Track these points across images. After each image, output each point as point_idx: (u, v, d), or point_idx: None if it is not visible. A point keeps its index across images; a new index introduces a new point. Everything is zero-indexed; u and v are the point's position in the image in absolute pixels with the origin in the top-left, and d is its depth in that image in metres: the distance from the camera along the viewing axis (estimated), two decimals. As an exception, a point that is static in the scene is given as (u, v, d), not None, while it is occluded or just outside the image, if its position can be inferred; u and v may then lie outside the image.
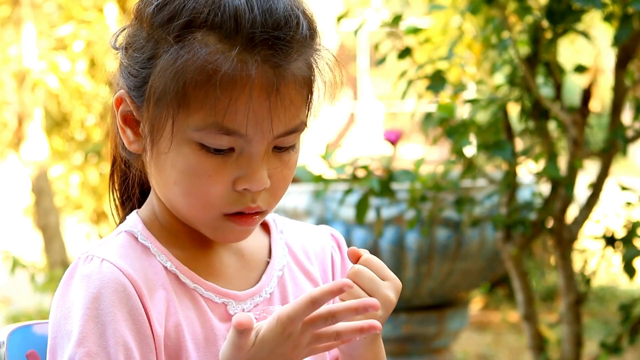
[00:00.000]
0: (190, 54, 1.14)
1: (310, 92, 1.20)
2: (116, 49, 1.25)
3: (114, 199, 1.34)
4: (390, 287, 1.20)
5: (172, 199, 1.21)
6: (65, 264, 6.19)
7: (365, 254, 1.21)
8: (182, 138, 1.16)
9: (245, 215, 1.20)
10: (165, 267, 1.22)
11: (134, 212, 1.28)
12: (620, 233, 2.89)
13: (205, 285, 1.23)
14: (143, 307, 1.17)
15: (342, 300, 1.18)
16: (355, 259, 1.21)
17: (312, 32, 1.20)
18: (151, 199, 1.27)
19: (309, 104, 1.21)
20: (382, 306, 1.18)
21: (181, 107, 1.15)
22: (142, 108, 1.19)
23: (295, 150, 1.22)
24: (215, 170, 1.16)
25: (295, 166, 1.23)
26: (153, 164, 1.21)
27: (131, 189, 1.32)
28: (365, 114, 13.08)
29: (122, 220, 1.32)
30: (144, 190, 1.32)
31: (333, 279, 1.35)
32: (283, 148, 1.20)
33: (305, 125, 1.21)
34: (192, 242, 1.25)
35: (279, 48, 1.15)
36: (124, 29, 1.27)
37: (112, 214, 1.34)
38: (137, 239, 1.23)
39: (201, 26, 1.15)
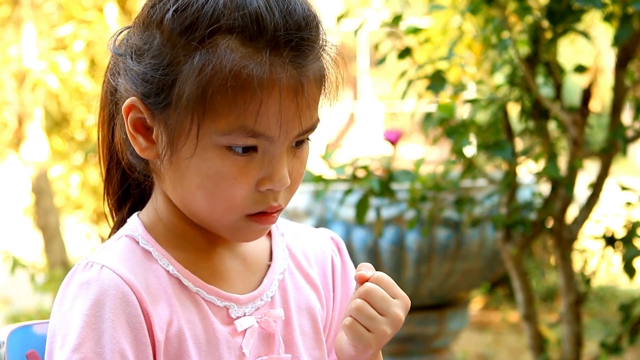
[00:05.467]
0: (217, 60, 1.14)
1: (324, 88, 1.22)
2: (119, 54, 1.23)
3: (110, 203, 1.33)
4: (400, 305, 1.22)
5: (192, 204, 1.21)
6: (65, 264, 6.19)
7: (373, 273, 1.22)
8: (206, 143, 1.16)
9: (266, 214, 1.21)
10: (167, 271, 1.21)
11: (135, 215, 1.27)
12: (620, 233, 2.89)
13: (207, 289, 1.22)
14: (144, 313, 1.17)
15: (353, 318, 1.20)
16: (364, 282, 1.22)
17: (324, 31, 1.22)
18: (156, 201, 1.27)
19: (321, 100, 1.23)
20: (392, 325, 1.21)
21: (208, 112, 1.15)
22: (159, 114, 1.18)
23: (308, 147, 1.23)
24: (239, 172, 1.17)
25: (307, 162, 1.25)
26: (172, 170, 1.20)
27: (130, 192, 1.31)
28: (365, 114, 13.09)
29: (117, 223, 1.32)
30: (141, 193, 1.31)
31: (334, 284, 1.36)
32: (299, 146, 1.21)
33: (319, 121, 1.22)
34: (195, 245, 1.25)
35: (302, 49, 1.17)
36: (121, 31, 1.26)
37: (107, 217, 1.34)
38: (138, 243, 1.23)
39: (223, 31, 1.15)
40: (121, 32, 1.26)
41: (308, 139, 1.22)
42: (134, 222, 1.26)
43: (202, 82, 1.14)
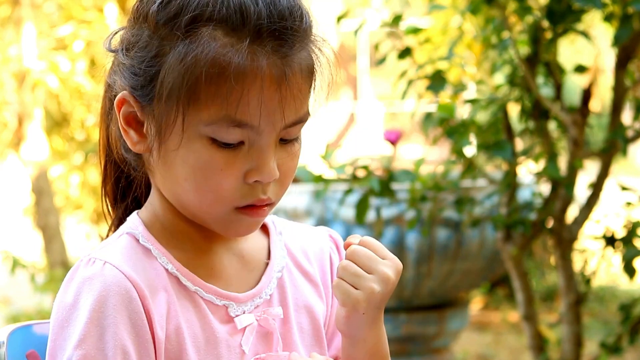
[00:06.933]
0: (199, 49, 1.15)
1: (314, 81, 1.22)
2: (112, 51, 1.25)
3: (107, 200, 1.33)
4: (390, 265, 1.22)
5: (182, 196, 1.21)
6: (65, 264, 6.19)
7: (361, 239, 1.23)
8: (192, 134, 1.17)
9: (255, 207, 1.21)
10: (167, 270, 1.22)
11: (135, 213, 1.28)
12: (620, 233, 2.89)
13: (206, 288, 1.22)
14: (145, 310, 1.17)
15: (339, 277, 1.22)
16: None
17: (312, 21, 1.22)
18: (152, 199, 1.27)
19: (312, 93, 1.23)
20: (380, 282, 1.21)
21: (192, 102, 1.16)
22: (147, 107, 1.19)
23: (299, 141, 1.23)
24: (226, 163, 1.17)
25: (299, 157, 1.25)
26: (161, 163, 1.21)
27: (126, 190, 1.32)
28: (365, 114, 13.08)
29: (113, 221, 1.32)
30: (140, 191, 1.31)
31: (332, 280, 1.35)
32: (289, 140, 1.21)
33: (309, 115, 1.22)
34: (193, 243, 1.25)
35: (286, 38, 1.17)
36: (117, 31, 1.27)
37: (105, 216, 1.34)
38: (138, 241, 1.23)
39: (207, 20, 1.16)
40: (117, 32, 1.27)
41: (298, 136, 1.22)
42: (134, 220, 1.26)
43: (184, 71, 1.15)
